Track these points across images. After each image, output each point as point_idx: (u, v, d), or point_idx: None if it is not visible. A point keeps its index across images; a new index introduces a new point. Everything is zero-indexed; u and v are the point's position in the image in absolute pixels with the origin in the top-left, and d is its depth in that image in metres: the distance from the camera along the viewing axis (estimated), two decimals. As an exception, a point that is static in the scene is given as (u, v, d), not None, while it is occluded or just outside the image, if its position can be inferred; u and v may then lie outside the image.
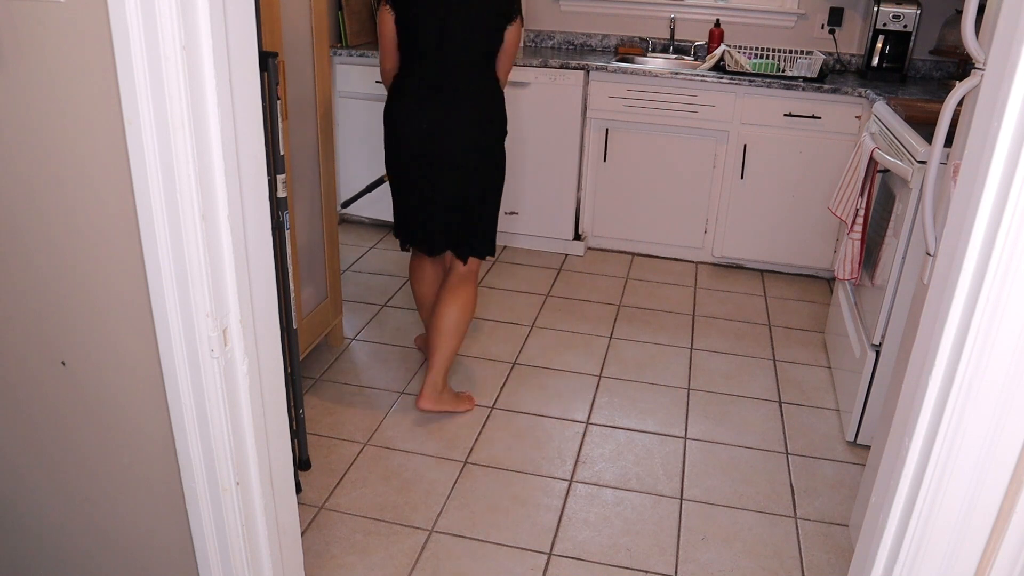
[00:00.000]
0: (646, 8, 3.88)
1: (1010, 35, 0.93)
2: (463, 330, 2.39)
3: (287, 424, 1.52)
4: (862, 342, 2.40)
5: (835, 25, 3.70)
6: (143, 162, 1.12)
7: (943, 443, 1.04)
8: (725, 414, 2.56)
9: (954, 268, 1.00)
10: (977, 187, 0.95)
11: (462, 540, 1.99)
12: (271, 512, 1.47)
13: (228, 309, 1.25)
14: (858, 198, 2.43)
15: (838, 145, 3.31)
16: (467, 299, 2.39)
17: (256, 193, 1.29)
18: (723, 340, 3.04)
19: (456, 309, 2.36)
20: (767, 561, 1.95)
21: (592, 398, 2.62)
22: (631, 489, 2.19)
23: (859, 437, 2.39)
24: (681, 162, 3.53)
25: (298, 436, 2.14)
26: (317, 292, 2.67)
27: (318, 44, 2.43)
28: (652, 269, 3.67)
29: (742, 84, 3.31)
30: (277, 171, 1.85)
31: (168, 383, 1.27)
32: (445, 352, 2.38)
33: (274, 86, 1.77)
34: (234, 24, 1.16)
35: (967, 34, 1.36)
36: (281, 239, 1.87)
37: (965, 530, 1.07)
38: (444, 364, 2.39)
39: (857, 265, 2.44)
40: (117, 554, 1.52)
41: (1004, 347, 0.97)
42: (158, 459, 1.38)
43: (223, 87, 1.14)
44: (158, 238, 1.16)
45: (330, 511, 2.06)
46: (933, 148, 1.55)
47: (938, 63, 3.61)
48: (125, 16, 1.04)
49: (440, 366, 2.39)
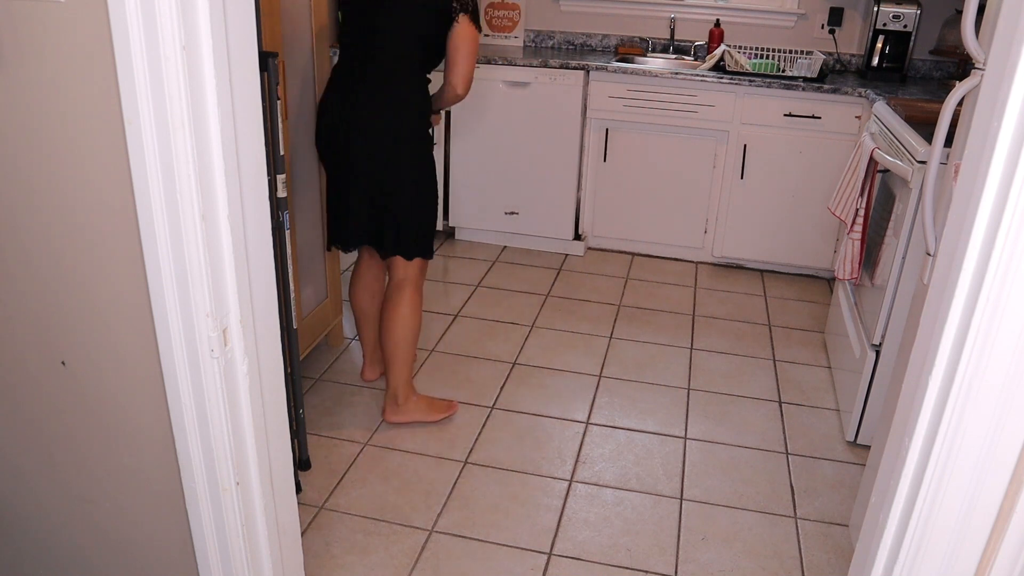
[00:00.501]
0: (646, 8, 3.88)
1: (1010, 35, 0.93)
2: (410, 341, 2.30)
3: (287, 424, 1.52)
4: (862, 342, 2.40)
5: (835, 25, 3.70)
6: (143, 162, 1.12)
7: (943, 443, 1.04)
8: (725, 414, 2.56)
9: (954, 268, 1.00)
10: (977, 187, 0.95)
11: (462, 540, 1.99)
12: (271, 512, 1.47)
13: (228, 309, 1.25)
14: (858, 198, 2.43)
15: (838, 145, 3.31)
16: (406, 308, 2.28)
17: (256, 193, 1.30)
18: (723, 340, 3.04)
19: (396, 323, 2.28)
20: (767, 561, 1.95)
21: (592, 398, 2.62)
22: (631, 489, 2.19)
23: (859, 437, 2.39)
24: (681, 162, 3.53)
25: (298, 436, 2.14)
26: (317, 292, 2.67)
27: (318, 44, 2.43)
28: (652, 269, 3.67)
29: (742, 84, 3.31)
30: (277, 171, 1.85)
31: (168, 383, 1.27)
32: (395, 369, 2.33)
33: (274, 86, 1.77)
34: (234, 24, 1.16)
35: (967, 34, 1.36)
36: (281, 239, 1.87)
37: (965, 530, 1.07)
38: (398, 379, 2.34)
39: (857, 265, 2.44)
40: (117, 554, 1.52)
41: (1004, 347, 0.97)
42: (158, 459, 1.38)
43: (223, 87, 1.14)
44: (158, 238, 1.16)
45: (330, 511, 2.06)
46: (933, 148, 1.55)
47: (938, 63, 3.61)
48: (125, 16, 1.04)
49: (395, 381, 2.34)
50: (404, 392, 2.36)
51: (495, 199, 3.73)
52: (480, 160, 3.68)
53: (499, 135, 3.61)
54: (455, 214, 3.82)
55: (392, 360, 2.32)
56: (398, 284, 2.29)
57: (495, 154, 3.64)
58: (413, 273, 2.28)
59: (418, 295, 2.31)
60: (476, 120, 3.61)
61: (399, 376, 2.34)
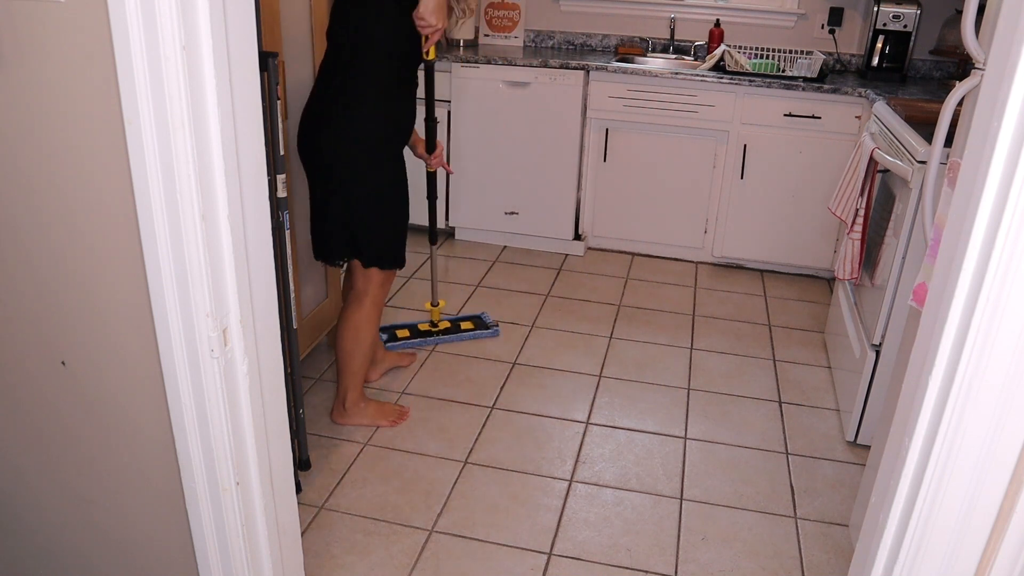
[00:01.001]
0: (646, 8, 3.88)
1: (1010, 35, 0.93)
2: (358, 352, 2.31)
3: (287, 424, 1.52)
4: (862, 342, 2.40)
5: (835, 25, 3.70)
6: (143, 162, 1.12)
7: (943, 443, 1.04)
8: (725, 414, 2.56)
9: (954, 268, 1.00)
10: (977, 187, 0.95)
11: (462, 540, 1.99)
12: (271, 512, 1.47)
13: (228, 309, 1.25)
14: (858, 198, 2.43)
15: (838, 145, 3.31)
16: (352, 321, 2.28)
17: (256, 193, 1.29)
18: (723, 340, 3.04)
19: (343, 334, 2.30)
20: (767, 561, 1.95)
21: (592, 398, 2.62)
22: (631, 489, 2.19)
23: (859, 437, 2.39)
24: (681, 162, 3.53)
25: (298, 436, 2.14)
26: (317, 292, 2.67)
27: (318, 44, 2.43)
28: (652, 269, 3.67)
29: (742, 84, 3.31)
30: (277, 171, 1.85)
31: (168, 383, 1.27)
32: (344, 376, 2.36)
33: (274, 86, 1.77)
34: (234, 24, 1.16)
35: (967, 34, 1.36)
36: (281, 239, 1.87)
37: (965, 530, 1.07)
38: (346, 385, 2.37)
39: (857, 265, 2.44)
40: (117, 554, 1.52)
41: (1004, 347, 0.97)
42: (158, 459, 1.38)
43: (223, 87, 1.14)
44: (158, 238, 1.16)
45: (330, 511, 2.06)
46: (933, 148, 1.55)
47: (938, 63, 3.61)
48: (125, 16, 1.04)
49: (343, 386, 2.38)
50: (351, 398, 2.39)
51: (495, 199, 3.74)
52: (480, 160, 3.68)
53: (499, 135, 3.61)
54: (455, 214, 3.82)
55: (341, 368, 2.36)
56: (355, 295, 2.28)
57: (495, 154, 3.65)
58: (372, 286, 2.26)
59: (376, 310, 2.30)
60: (476, 120, 3.62)
61: (346, 382, 2.37)
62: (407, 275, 3.49)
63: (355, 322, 2.28)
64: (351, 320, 2.28)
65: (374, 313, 2.30)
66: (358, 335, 2.29)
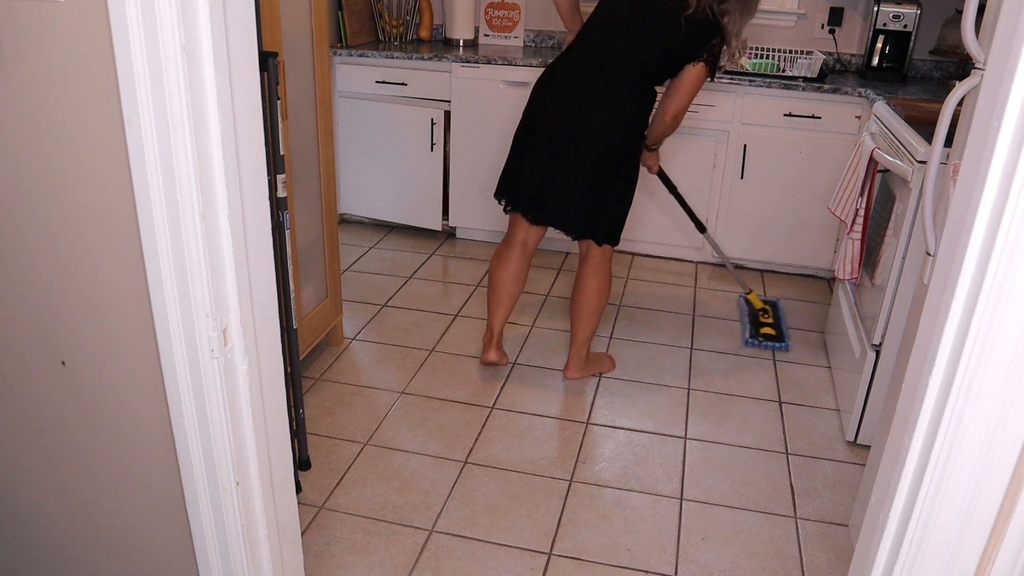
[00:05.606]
0: (646, 8, 3.87)
1: (1010, 35, 0.93)
2: (599, 311, 2.62)
3: (287, 424, 1.52)
4: (862, 342, 2.40)
5: (835, 25, 3.70)
6: (143, 162, 1.12)
7: (943, 443, 1.04)
8: (725, 414, 2.56)
9: (954, 268, 1.00)
10: (977, 187, 0.95)
11: (462, 540, 1.99)
12: (271, 512, 1.47)
13: (228, 309, 1.25)
14: (858, 198, 2.43)
15: (838, 145, 3.31)
16: (601, 283, 2.58)
17: (256, 193, 1.30)
18: (723, 340, 3.04)
19: (593, 294, 2.58)
20: (767, 561, 1.95)
21: (592, 398, 2.62)
22: (631, 489, 2.19)
23: (859, 437, 2.39)
24: (681, 162, 3.53)
25: (298, 436, 2.14)
26: (317, 292, 2.67)
27: (318, 44, 2.43)
28: (652, 269, 3.67)
29: (742, 84, 3.31)
30: (277, 171, 1.85)
31: (168, 383, 1.27)
32: (584, 334, 2.64)
33: (274, 86, 1.77)
34: (234, 24, 1.16)
35: (967, 34, 1.36)
36: (281, 239, 1.87)
37: (965, 530, 1.07)
38: (584, 342, 2.66)
39: (857, 265, 2.44)
40: (117, 554, 1.52)
41: (1004, 347, 0.97)
42: (158, 459, 1.38)
43: (223, 87, 1.14)
44: (158, 238, 1.16)
45: (330, 511, 2.06)
46: (933, 148, 1.55)
47: (938, 63, 3.61)
48: (125, 16, 1.04)
49: (580, 344, 2.66)
50: (587, 353, 2.70)
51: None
52: (480, 160, 3.67)
53: (499, 135, 3.60)
54: (455, 214, 3.81)
55: (582, 330, 2.64)
56: (597, 263, 2.56)
57: (495, 154, 3.64)
58: (607, 258, 2.58)
59: (608, 275, 2.61)
60: (476, 120, 3.61)
61: (585, 341, 2.66)
62: (407, 275, 3.49)
63: (602, 286, 2.58)
64: (596, 284, 2.58)
65: (608, 277, 2.61)
66: (602, 296, 2.60)
